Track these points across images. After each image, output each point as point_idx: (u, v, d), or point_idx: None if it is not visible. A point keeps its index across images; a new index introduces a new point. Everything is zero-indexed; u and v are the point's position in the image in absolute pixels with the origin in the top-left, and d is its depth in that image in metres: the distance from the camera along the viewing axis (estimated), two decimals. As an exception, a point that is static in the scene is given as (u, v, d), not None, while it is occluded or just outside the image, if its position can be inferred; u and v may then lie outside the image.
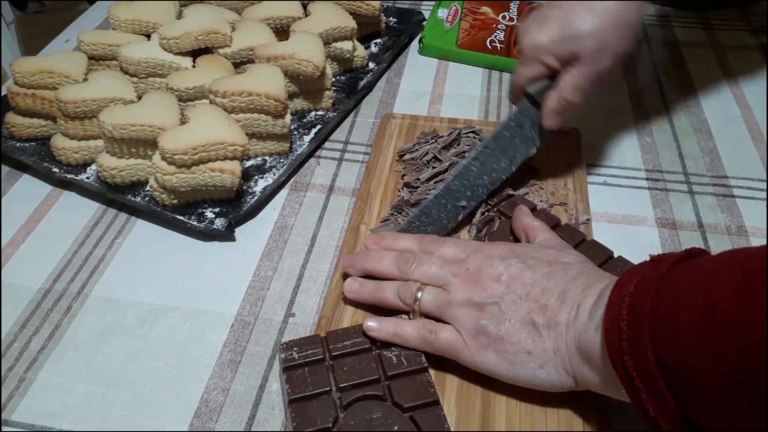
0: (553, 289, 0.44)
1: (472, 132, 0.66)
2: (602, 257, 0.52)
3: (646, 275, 0.38)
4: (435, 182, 0.61)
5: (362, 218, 0.59)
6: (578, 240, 0.54)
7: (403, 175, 0.63)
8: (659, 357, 0.34)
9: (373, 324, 0.47)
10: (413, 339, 0.46)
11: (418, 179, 0.61)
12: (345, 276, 0.52)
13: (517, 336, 0.43)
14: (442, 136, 0.65)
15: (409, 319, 0.47)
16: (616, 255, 0.53)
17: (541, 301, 0.44)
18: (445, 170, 0.61)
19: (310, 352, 0.46)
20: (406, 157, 0.65)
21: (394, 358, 0.45)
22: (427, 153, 0.64)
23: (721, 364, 0.32)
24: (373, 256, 0.51)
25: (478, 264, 0.46)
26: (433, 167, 0.62)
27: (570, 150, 0.65)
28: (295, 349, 0.46)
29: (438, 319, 0.47)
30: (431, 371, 0.46)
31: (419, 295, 0.47)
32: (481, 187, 0.58)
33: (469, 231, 0.58)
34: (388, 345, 0.46)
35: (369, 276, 0.51)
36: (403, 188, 0.60)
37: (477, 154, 0.57)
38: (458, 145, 0.64)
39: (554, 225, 0.54)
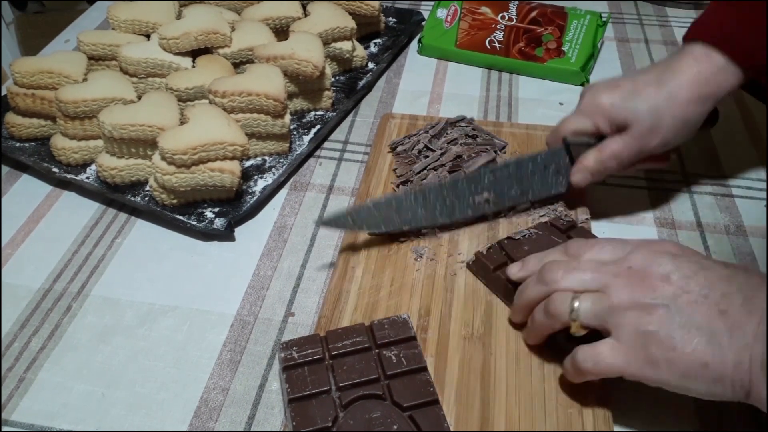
0: (735, 293, 0.38)
1: (462, 120, 0.66)
2: None
3: None
4: (428, 169, 0.61)
5: None
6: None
7: (395, 168, 0.63)
8: None
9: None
10: (572, 377, 0.43)
11: (410, 171, 0.61)
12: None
13: (692, 345, 0.38)
14: (432, 126, 0.66)
15: (571, 335, 0.43)
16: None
17: (722, 306, 0.38)
18: (437, 160, 0.62)
19: (309, 351, 0.46)
20: (398, 150, 0.65)
21: (393, 358, 0.45)
22: (418, 143, 0.64)
23: None
24: (525, 291, 0.46)
25: (643, 261, 0.41)
26: (426, 156, 0.62)
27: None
28: (294, 348, 0.46)
29: (596, 332, 0.42)
30: (431, 368, 0.46)
31: (576, 305, 0.42)
32: (483, 202, 0.57)
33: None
34: (387, 344, 0.46)
35: None
36: (399, 186, 0.60)
37: (494, 168, 0.57)
38: (448, 134, 0.65)
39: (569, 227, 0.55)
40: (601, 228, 0.59)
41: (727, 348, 0.37)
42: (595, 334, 0.42)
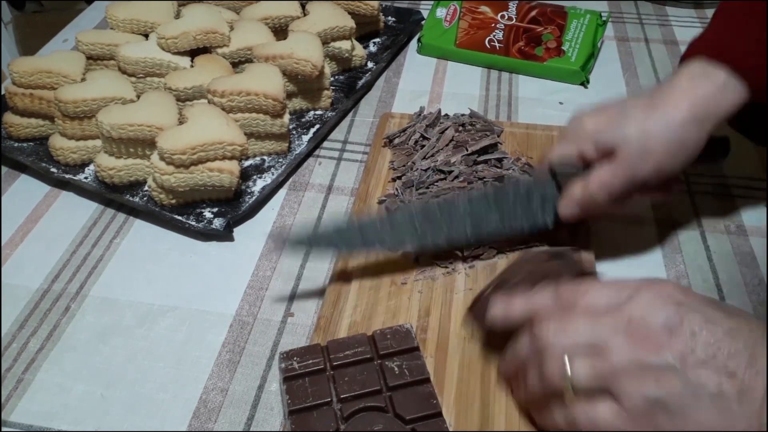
0: (741, 352, 0.35)
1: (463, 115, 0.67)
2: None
3: None
4: (427, 158, 0.61)
5: None
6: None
7: (392, 161, 0.63)
8: None
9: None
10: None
11: (407, 164, 0.62)
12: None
13: (703, 413, 0.35)
14: (426, 116, 0.66)
15: (568, 401, 0.38)
16: (614, 256, 0.53)
17: (730, 367, 0.35)
18: (434, 146, 0.62)
19: (310, 361, 0.45)
20: (395, 142, 0.65)
21: (396, 369, 0.44)
22: (414, 133, 0.64)
23: None
24: (515, 347, 0.43)
25: (645, 310, 0.37)
26: (422, 146, 0.63)
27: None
28: (295, 358, 0.45)
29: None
30: (431, 368, 0.46)
31: (569, 372, 0.37)
32: (460, 229, 0.52)
33: None
34: (389, 355, 0.45)
35: None
36: (399, 188, 0.60)
37: (471, 196, 0.53)
38: (441, 123, 0.65)
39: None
40: (600, 229, 0.59)
41: (739, 415, 0.35)
42: None
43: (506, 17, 0.81)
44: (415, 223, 0.52)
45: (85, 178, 0.63)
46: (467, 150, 0.60)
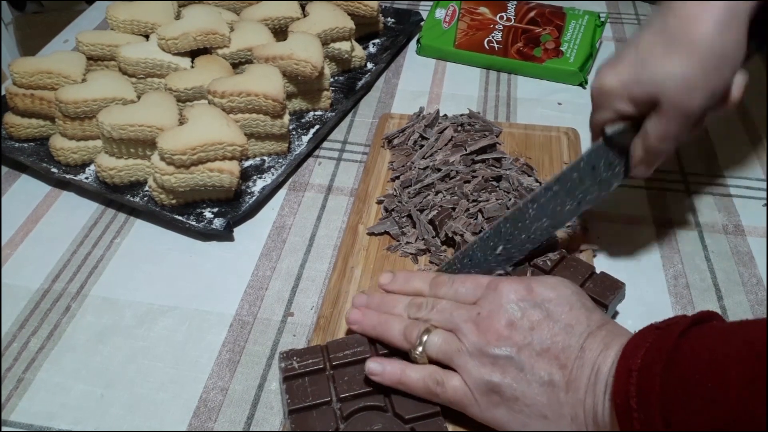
0: (573, 345, 0.40)
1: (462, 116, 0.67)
2: (584, 274, 0.50)
3: (653, 347, 0.36)
4: (425, 157, 0.62)
5: (360, 218, 0.59)
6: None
7: (391, 162, 0.63)
8: None
9: (376, 367, 0.43)
10: (418, 389, 0.43)
11: (406, 164, 0.62)
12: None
13: (533, 398, 0.39)
14: (425, 117, 0.66)
15: (414, 357, 0.43)
16: (614, 255, 0.53)
17: (561, 359, 0.40)
18: (432, 147, 0.62)
19: (310, 361, 0.45)
20: (394, 143, 0.65)
21: None
22: (413, 133, 0.64)
23: None
24: (387, 302, 0.47)
25: (492, 307, 0.42)
26: (421, 146, 0.63)
27: (568, 149, 0.65)
28: (295, 358, 0.45)
29: (446, 366, 0.43)
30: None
31: (425, 338, 0.43)
32: (540, 229, 0.52)
33: None
34: (389, 354, 0.45)
35: None
36: (397, 188, 0.60)
37: (535, 195, 0.51)
38: (440, 123, 0.65)
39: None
40: (599, 228, 0.59)
41: (565, 402, 0.39)
42: None
43: (505, 18, 0.81)
44: (491, 244, 0.52)
45: (86, 178, 0.63)
46: (466, 150, 0.60)
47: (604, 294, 0.49)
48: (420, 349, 0.43)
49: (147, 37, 0.71)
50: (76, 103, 0.61)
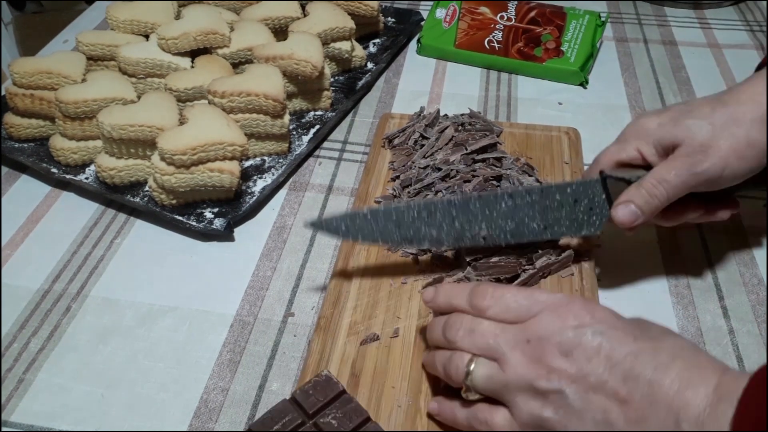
0: (639, 376, 0.35)
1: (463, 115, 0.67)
2: None
3: None
4: (426, 157, 0.62)
5: None
6: None
7: (392, 162, 0.63)
8: None
9: (434, 407, 0.43)
10: (466, 428, 0.41)
11: (406, 164, 0.62)
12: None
13: None
14: (425, 116, 0.66)
15: (465, 396, 0.41)
16: (613, 256, 0.53)
17: (622, 393, 0.35)
18: (433, 146, 0.62)
19: None
20: (394, 142, 0.65)
21: (334, 422, 0.42)
22: (413, 133, 0.64)
23: None
24: (431, 328, 0.44)
25: (543, 331, 0.38)
26: (421, 145, 0.63)
27: (569, 149, 0.65)
28: None
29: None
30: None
31: (470, 368, 0.39)
32: (503, 230, 0.50)
33: None
34: (320, 410, 0.42)
35: None
36: (397, 188, 0.60)
37: (515, 192, 0.49)
38: (440, 123, 0.65)
39: None
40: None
41: None
42: None
43: (505, 18, 0.81)
44: (453, 213, 0.49)
45: (86, 178, 0.63)
46: (466, 149, 0.60)
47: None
48: (467, 392, 0.40)
49: (147, 37, 0.71)
50: (77, 103, 0.61)
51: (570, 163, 0.64)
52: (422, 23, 0.85)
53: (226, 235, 0.59)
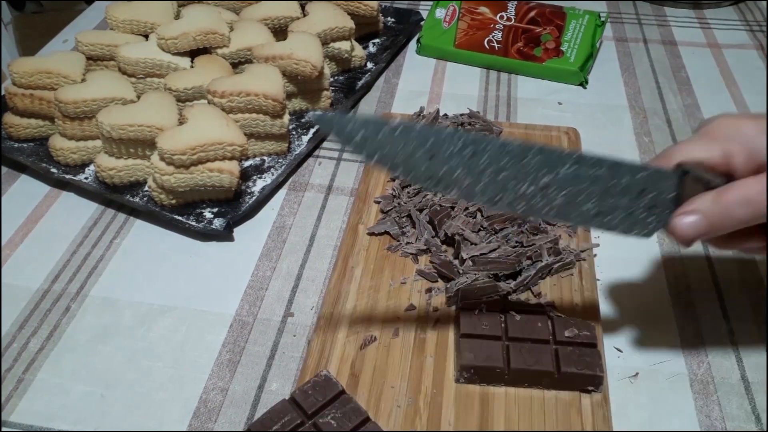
0: None
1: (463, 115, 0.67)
2: None
3: None
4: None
5: (360, 218, 0.59)
6: None
7: None
8: None
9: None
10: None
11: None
12: None
13: None
14: (425, 116, 0.66)
15: None
16: (613, 256, 0.53)
17: None
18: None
19: None
20: None
21: (333, 422, 0.41)
22: None
23: None
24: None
25: None
26: None
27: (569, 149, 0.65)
28: None
29: None
30: (430, 368, 0.46)
31: None
32: (549, 203, 0.40)
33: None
34: (319, 410, 0.42)
35: None
36: (396, 188, 0.60)
37: (581, 158, 0.39)
38: (440, 123, 0.65)
39: None
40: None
41: None
42: None
43: (505, 18, 0.81)
44: (502, 162, 0.39)
45: (86, 178, 0.63)
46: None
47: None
48: None
49: (146, 36, 0.71)
50: (76, 103, 0.61)
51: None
52: (422, 23, 0.85)
53: (225, 235, 0.59)
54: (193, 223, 0.58)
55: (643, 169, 0.40)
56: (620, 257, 0.56)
